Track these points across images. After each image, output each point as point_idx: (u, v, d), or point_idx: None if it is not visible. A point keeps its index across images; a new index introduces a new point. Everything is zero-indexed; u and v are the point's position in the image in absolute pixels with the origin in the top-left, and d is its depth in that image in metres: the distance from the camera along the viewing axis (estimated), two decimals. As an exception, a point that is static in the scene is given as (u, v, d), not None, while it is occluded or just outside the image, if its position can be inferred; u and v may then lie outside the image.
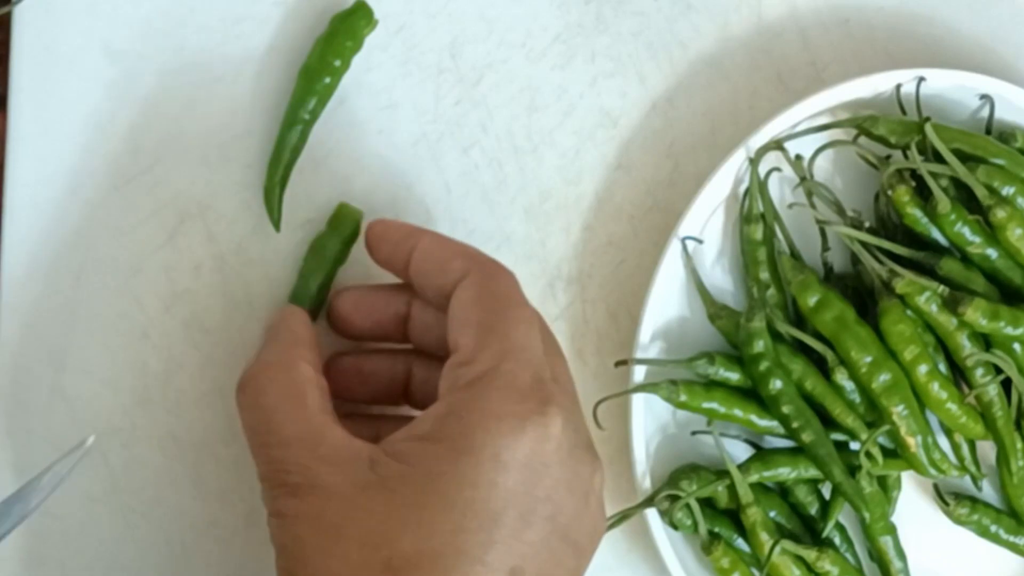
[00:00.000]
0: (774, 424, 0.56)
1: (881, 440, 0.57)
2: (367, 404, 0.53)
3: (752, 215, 0.57)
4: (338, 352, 0.53)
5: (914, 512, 0.60)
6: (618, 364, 0.55)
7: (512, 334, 0.45)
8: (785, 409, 0.55)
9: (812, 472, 0.57)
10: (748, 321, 0.55)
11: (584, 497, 0.45)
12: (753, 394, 0.56)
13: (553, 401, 0.44)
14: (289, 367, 0.47)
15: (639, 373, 0.56)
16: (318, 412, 0.46)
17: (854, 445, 0.57)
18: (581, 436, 0.46)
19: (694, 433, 0.57)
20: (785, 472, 0.57)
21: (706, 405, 0.56)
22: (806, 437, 0.55)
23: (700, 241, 0.57)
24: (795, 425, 0.55)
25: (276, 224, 0.54)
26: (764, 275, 0.57)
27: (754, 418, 0.56)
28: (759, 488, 0.57)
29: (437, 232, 0.50)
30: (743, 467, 0.56)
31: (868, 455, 0.56)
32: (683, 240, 0.56)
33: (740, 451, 0.59)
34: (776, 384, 0.55)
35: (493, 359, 0.44)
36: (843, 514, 0.58)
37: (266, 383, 0.46)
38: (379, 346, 0.53)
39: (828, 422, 0.57)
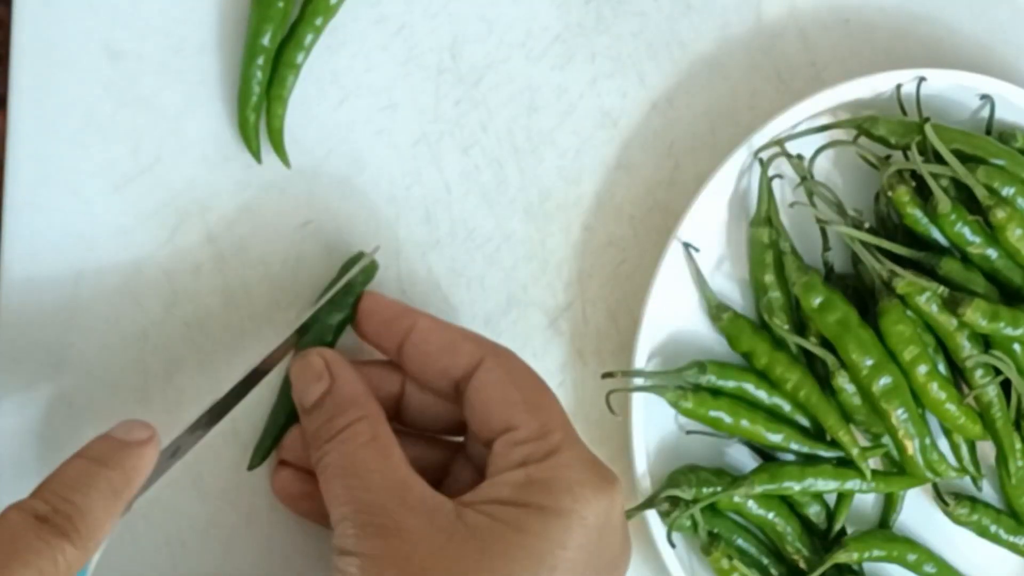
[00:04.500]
0: (781, 438, 0.57)
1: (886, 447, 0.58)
2: None
3: (760, 218, 0.57)
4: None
5: (914, 512, 0.60)
6: (605, 376, 0.55)
7: (562, 413, 0.49)
8: (777, 371, 0.57)
9: (820, 486, 0.57)
10: (717, 322, 0.57)
11: (627, 557, 0.50)
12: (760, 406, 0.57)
13: (613, 473, 0.48)
14: (372, 420, 0.48)
15: (640, 375, 0.56)
16: (402, 464, 0.47)
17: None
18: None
19: (689, 432, 0.57)
20: (792, 486, 0.56)
21: (712, 414, 0.56)
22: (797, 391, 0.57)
23: (697, 249, 0.57)
24: (789, 387, 0.57)
25: (257, 157, 0.53)
26: (768, 277, 0.57)
27: (762, 430, 0.56)
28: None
29: (432, 315, 0.51)
30: (749, 479, 0.56)
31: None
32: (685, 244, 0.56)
33: (740, 454, 0.59)
34: (762, 360, 0.57)
35: (560, 436, 0.48)
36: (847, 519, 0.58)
37: (351, 434, 0.48)
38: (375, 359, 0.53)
39: (821, 434, 0.57)
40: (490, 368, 0.49)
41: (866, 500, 0.60)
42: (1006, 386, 0.58)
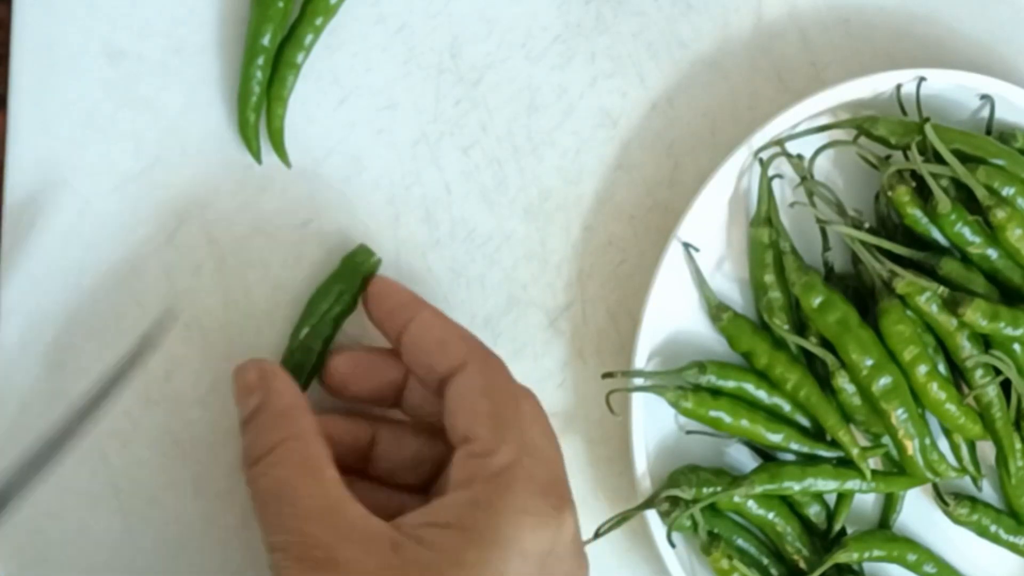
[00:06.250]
0: (781, 438, 0.57)
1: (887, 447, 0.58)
2: None
3: (760, 218, 0.57)
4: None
5: (914, 512, 0.60)
6: (605, 376, 0.55)
7: (527, 430, 0.47)
8: (777, 371, 0.57)
9: (820, 486, 0.57)
10: (717, 322, 0.57)
11: None
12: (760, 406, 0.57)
13: (567, 499, 0.46)
14: (303, 439, 0.47)
15: (640, 375, 0.56)
16: (335, 486, 0.46)
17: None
18: (579, 534, 0.48)
19: (689, 432, 0.57)
20: (792, 486, 0.56)
21: (712, 414, 0.56)
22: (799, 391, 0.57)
23: (697, 249, 0.57)
24: (789, 387, 0.57)
25: (257, 158, 0.53)
26: (768, 277, 0.57)
27: (762, 430, 0.56)
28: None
29: (436, 309, 0.51)
30: (749, 479, 0.56)
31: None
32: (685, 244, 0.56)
33: (740, 453, 0.59)
34: (762, 360, 0.56)
35: (514, 453, 0.46)
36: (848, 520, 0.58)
37: (282, 456, 0.46)
38: (344, 411, 0.53)
39: (821, 434, 0.57)
40: (470, 373, 0.48)
41: (866, 500, 0.60)
42: (1006, 386, 0.58)
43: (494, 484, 0.45)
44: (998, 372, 0.57)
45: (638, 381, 0.55)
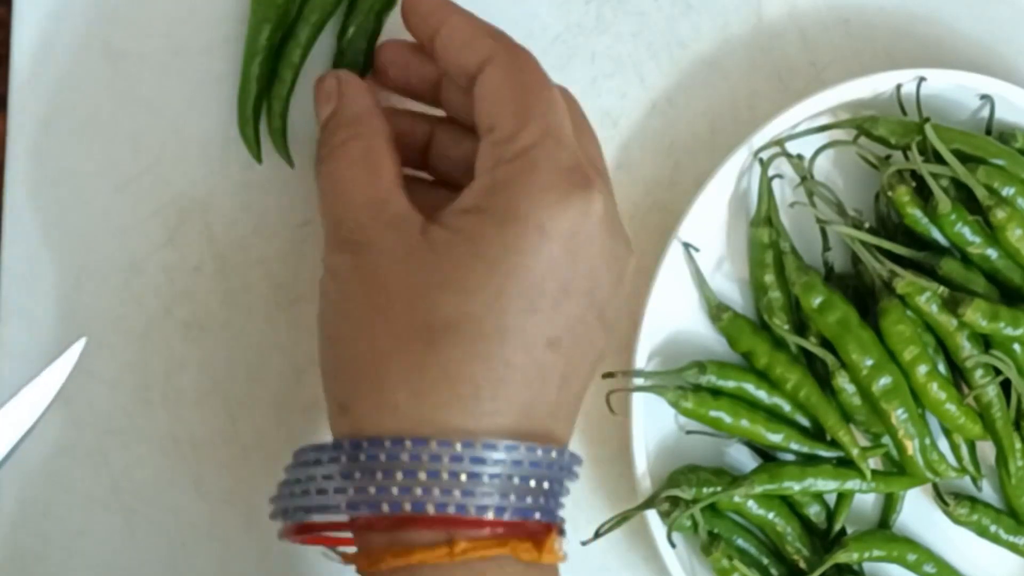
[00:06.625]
0: (781, 438, 0.57)
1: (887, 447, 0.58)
2: None
3: (760, 218, 0.57)
4: None
5: (914, 512, 0.60)
6: (605, 376, 0.55)
7: (548, 115, 0.46)
8: (777, 371, 0.57)
9: (820, 486, 0.57)
10: (717, 322, 0.57)
11: (619, 278, 0.47)
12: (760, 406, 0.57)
13: (594, 181, 0.46)
14: (365, 138, 0.48)
15: (640, 375, 0.56)
16: (388, 181, 0.47)
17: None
18: (617, 220, 0.48)
19: (689, 432, 0.57)
20: (792, 486, 0.56)
21: (713, 414, 0.56)
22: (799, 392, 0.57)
23: (697, 249, 0.57)
24: (789, 387, 0.57)
25: (257, 157, 0.53)
26: (768, 277, 0.57)
27: (762, 430, 0.56)
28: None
29: (468, 12, 0.50)
30: (749, 479, 0.56)
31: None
32: (685, 244, 0.56)
33: (740, 453, 0.59)
34: (762, 360, 0.57)
35: (535, 136, 0.45)
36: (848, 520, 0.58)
37: (344, 152, 0.48)
38: (404, 107, 0.53)
39: (821, 434, 0.57)
40: (496, 65, 0.47)
41: (866, 500, 0.60)
42: (1006, 386, 0.58)
43: (514, 165, 0.45)
44: (998, 372, 0.57)
45: (638, 381, 0.55)
